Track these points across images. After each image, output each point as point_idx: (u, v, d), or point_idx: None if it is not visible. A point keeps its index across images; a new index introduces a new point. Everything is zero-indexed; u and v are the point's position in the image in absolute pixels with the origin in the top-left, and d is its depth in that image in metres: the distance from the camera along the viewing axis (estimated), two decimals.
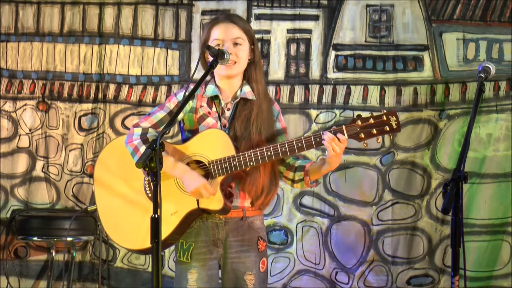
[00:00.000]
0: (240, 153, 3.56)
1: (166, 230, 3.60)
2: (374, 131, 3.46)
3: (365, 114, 3.49)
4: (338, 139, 3.47)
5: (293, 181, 3.72)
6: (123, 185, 3.73)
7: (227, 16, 3.77)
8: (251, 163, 3.56)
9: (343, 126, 3.49)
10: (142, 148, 3.61)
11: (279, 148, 3.54)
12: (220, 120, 3.70)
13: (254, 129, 3.64)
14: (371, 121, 3.46)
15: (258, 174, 3.63)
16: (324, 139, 3.48)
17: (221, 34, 3.68)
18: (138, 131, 3.68)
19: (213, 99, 3.73)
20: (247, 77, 3.74)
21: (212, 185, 3.57)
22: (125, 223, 3.71)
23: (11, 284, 5.80)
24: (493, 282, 5.57)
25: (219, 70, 3.68)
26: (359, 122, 3.47)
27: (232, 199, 3.66)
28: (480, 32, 5.61)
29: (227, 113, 3.71)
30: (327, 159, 3.55)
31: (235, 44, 3.68)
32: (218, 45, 3.67)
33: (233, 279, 3.71)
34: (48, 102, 5.94)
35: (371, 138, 3.48)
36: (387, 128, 3.46)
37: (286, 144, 3.54)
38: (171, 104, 3.72)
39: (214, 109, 3.72)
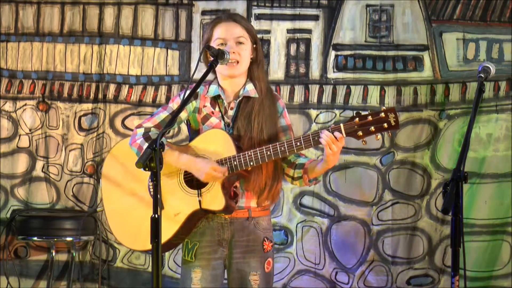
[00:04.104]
0: (241, 153, 3.57)
1: (170, 231, 3.61)
2: (373, 128, 3.44)
3: (363, 112, 3.48)
4: (335, 137, 3.47)
5: (293, 179, 3.73)
6: (130, 185, 3.75)
7: (230, 16, 3.78)
8: (251, 163, 3.56)
9: (341, 124, 3.48)
10: (146, 146, 3.62)
11: (278, 148, 3.54)
12: (223, 119, 3.71)
13: (255, 125, 3.65)
14: (370, 118, 3.44)
15: (260, 171, 3.63)
16: (321, 137, 3.48)
17: (223, 33, 3.69)
18: (140, 131, 3.70)
19: (216, 99, 3.74)
20: (249, 75, 3.75)
21: (218, 171, 3.56)
22: (131, 224, 3.73)
23: (11, 284, 5.80)
24: (493, 282, 5.57)
25: (221, 70, 3.69)
26: (357, 120, 3.45)
27: (237, 199, 3.66)
28: (480, 32, 5.61)
29: (231, 112, 3.71)
30: (324, 157, 3.55)
31: (238, 43, 3.68)
32: (221, 44, 3.67)
33: (238, 279, 3.72)
34: (48, 102, 5.94)
35: (369, 136, 3.46)
36: (386, 125, 3.43)
37: (285, 143, 3.54)
38: (174, 104, 3.74)
39: (217, 108, 3.72)
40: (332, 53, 5.73)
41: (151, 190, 3.69)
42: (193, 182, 3.65)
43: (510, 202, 5.55)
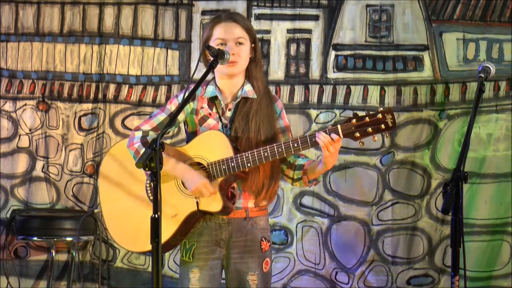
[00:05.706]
0: (238, 155, 3.57)
1: (168, 232, 3.60)
2: (370, 129, 3.44)
3: (361, 113, 3.48)
4: (332, 138, 3.46)
5: (293, 180, 3.73)
6: (128, 187, 3.74)
7: (229, 15, 3.76)
8: (249, 164, 3.56)
9: (338, 126, 3.48)
10: (143, 151, 3.61)
11: (275, 149, 3.54)
12: (221, 120, 3.70)
13: (253, 125, 3.64)
14: (367, 119, 3.45)
15: (258, 172, 3.63)
16: (318, 138, 3.48)
17: (223, 34, 3.68)
18: (138, 134, 3.70)
19: (213, 100, 3.73)
20: (247, 75, 3.74)
21: (213, 185, 3.58)
22: (128, 225, 3.72)
23: (11, 284, 5.80)
24: (493, 282, 5.57)
25: (220, 69, 3.68)
26: (354, 121, 3.46)
27: (235, 200, 3.66)
28: (480, 32, 5.61)
29: (228, 114, 3.71)
30: (322, 159, 3.55)
31: (238, 43, 3.68)
32: (221, 44, 3.67)
33: (236, 279, 3.71)
34: (48, 102, 5.94)
35: (366, 137, 3.47)
36: (383, 126, 3.43)
37: (282, 144, 3.54)
38: (172, 106, 3.73)
39: (214, 110, 3.72)
40: (332, 53, 5.73)
41: (149, 191, 3.69)
42: None
43: (510, 202, 5.55)
